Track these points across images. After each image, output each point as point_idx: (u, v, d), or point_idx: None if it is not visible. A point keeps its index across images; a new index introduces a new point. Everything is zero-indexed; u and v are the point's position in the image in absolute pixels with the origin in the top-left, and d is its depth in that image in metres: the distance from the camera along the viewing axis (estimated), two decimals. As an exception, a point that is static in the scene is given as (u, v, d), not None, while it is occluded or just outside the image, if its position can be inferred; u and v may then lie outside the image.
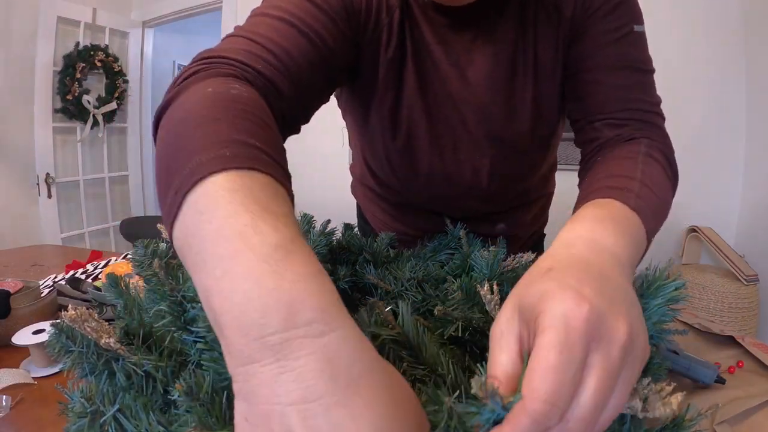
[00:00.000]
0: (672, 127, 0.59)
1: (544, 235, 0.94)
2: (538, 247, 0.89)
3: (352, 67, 0.60)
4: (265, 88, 0.42)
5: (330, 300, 0.22)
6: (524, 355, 0.24)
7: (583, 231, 0.33)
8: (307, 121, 0.54)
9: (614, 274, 0.28)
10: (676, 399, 0.24)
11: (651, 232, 0.39)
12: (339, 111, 0.76)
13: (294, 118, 0.49)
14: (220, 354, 0.29)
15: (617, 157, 0.49)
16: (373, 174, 0.79)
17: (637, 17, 0.57)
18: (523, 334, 0.25)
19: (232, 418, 0.28)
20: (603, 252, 0.30)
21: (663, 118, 0.57)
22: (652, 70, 0.58)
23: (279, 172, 0.29)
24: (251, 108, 0.34)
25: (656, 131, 0.54)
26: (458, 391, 0.25)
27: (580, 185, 0.51)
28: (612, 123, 0.55)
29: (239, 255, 0.22)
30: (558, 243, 0.33)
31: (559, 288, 0.24)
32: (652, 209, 0.40)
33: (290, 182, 0.31)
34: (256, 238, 0.22)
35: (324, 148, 2.38)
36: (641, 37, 0.57)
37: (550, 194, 0.89)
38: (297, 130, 0.52)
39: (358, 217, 1.00)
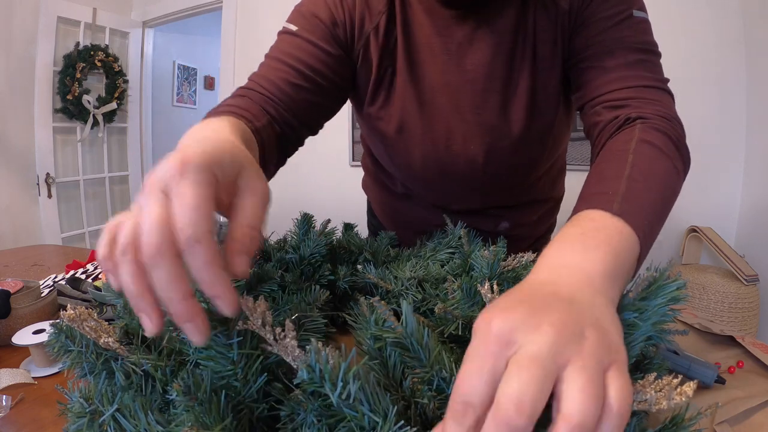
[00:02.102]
0: None
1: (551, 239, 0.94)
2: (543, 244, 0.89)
3: (353, 77, 0.67)
4: (267, 113, 0.57)
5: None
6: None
7: (550, 257, 0.33)
8: (313, 132, 0.66)
9: (571, 288, 0.27)
10: (690, 387, 0.24)
11: (649, 226, 0.37)
12: (340, 112, 0.76)
13: (293, 132, 0.61)
14: (218, 353, 0.29)
15: (608, 154, 0.47)
16: (376, 164, 0.81)
17: (636, 2, 0.56)
18: None
19: (230, 415, 0.28)
20: (563, 269, 0.30)
21: (669, 94, 0.55)
22: (657, 52, 0.56)
23: (243, 120, 0.48)
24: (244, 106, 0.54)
25: (657, 108, 0.51)
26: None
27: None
28: (610, 105, 0.53)
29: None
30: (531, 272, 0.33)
31: (484, 312, 0.25)
32: (647, 203, 0.38)
33: (255, 126, 0.50)
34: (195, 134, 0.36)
35: (324, 148, 2.38)
36: (643, 22, 0.56)
37: (558, 199, 0.88)
38: (300, 142, 0.65)
39: (367, 213, 1.01)
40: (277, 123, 0.58)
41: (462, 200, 0.76)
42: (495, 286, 0.42)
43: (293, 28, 0.62)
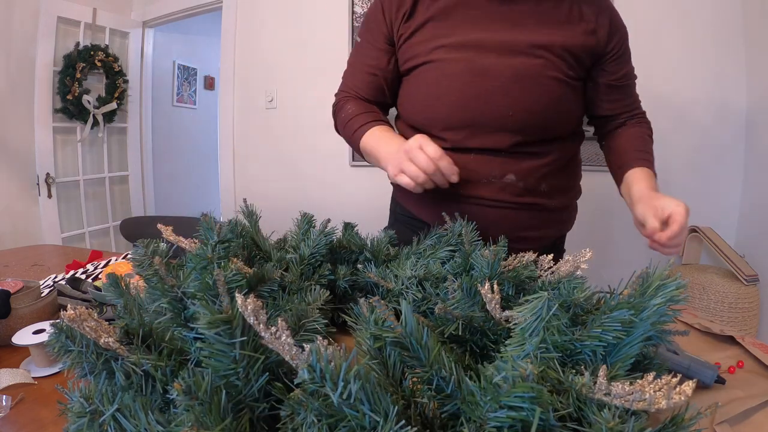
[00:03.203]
0: (672, 127, 0.60)
1: (564, 249, 0.98)
2: (555, 250, 0.90)
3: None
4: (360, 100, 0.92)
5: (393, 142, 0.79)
6: None
7: (647, 184, 0.77)
8: (394, 103, 0.94)
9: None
10: (688, 387, 0.24)
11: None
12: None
13: (382, 105, 0.93)
14: (219, 350, 0.29)
15: (638, 134, 0.88)
16: (407, 124, 0.92)
17: (627, 34, 0.85)
18: (654, 218, 0.68)
19: (230, 415, 0.28)
20: (656, 191, 0.76)
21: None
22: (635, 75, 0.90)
23: (382, 122, 0.85)
24: (362, 106, 0.89)
25: (644, 115, 0.92)
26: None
27: (610, 146, 0.90)
28: (625, 117, 0.90)
29: (380, 148, 0.80)
30: (641, 189, 0.76)
31: (671, 200, 0.68)
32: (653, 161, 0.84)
33: (386, 120, 0.88)
34: (382, 145, 0.80)
35: (324, 148, 2.38)
36: (629, 50, 0.86)
37: (569, 191, 0.91)
38: (389, 109, 0.95)
39: (391, 203, 1.05)
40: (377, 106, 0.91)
41: (479, 133, 0.81)
42: (495, 286, 0.42)
43: (358, 39, 0.92)
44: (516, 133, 0.80)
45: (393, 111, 0.98)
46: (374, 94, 0.90)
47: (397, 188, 1.00)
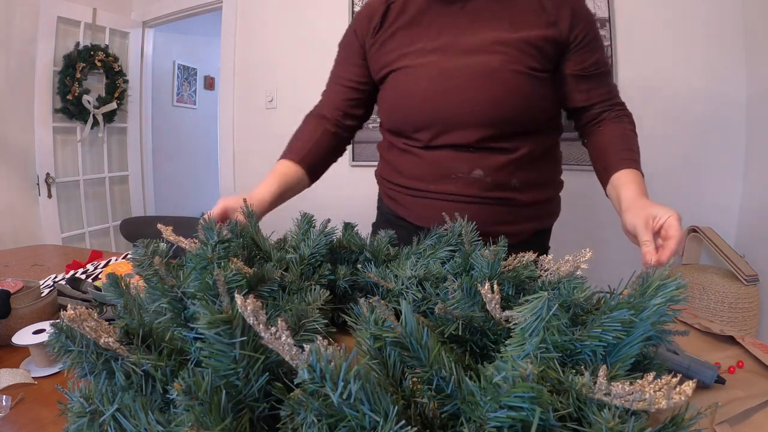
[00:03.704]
0: (672, 126, 0.60)
1: (549, 246, 0.98)
2: (537, 244, 0.91)
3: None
4: (325, 118, 0.98)
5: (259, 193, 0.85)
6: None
7: (636, 189, 0.73)
8: (368, 117, 1.01)
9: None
10: (689, 387, 0.24)
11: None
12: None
13: (353, 127, 1.00)
14: (219, 350, 0.29)
15: (619, 131, 0.84)
16: (385, 127, 0.97)
17: (595, 22, 0.84)
18: (645, 229, 0.64)
19: (230, 415, 0.28)
20: (645, 196, 0.73)
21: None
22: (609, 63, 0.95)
23: (291, 156, 0.95)
24: (304, 131, 0.98)
25: (623, 106, 0.88)
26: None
27: (592, 146, 0.87)
28: (601, 108, 0.87)
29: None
30: (630, 195, 0.72)
31: (662, 208, 0.64)
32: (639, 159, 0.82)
33: (299, 158, 0.95)
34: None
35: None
36: (601, 39, 0.85)
37: (549, 185, 0.93)
38: (361, 123, 1.01)
39: (378, 204, 1.08)
40: (336, 127, 0.97)
41: (447, 131, 0.84)
42: (495, 286, 0.42)
43: (337, 53, 0.98)
44: (483, 128, 0.82)
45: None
46: (344, 105, 0.96)
47: (381, 186, 1.04)
